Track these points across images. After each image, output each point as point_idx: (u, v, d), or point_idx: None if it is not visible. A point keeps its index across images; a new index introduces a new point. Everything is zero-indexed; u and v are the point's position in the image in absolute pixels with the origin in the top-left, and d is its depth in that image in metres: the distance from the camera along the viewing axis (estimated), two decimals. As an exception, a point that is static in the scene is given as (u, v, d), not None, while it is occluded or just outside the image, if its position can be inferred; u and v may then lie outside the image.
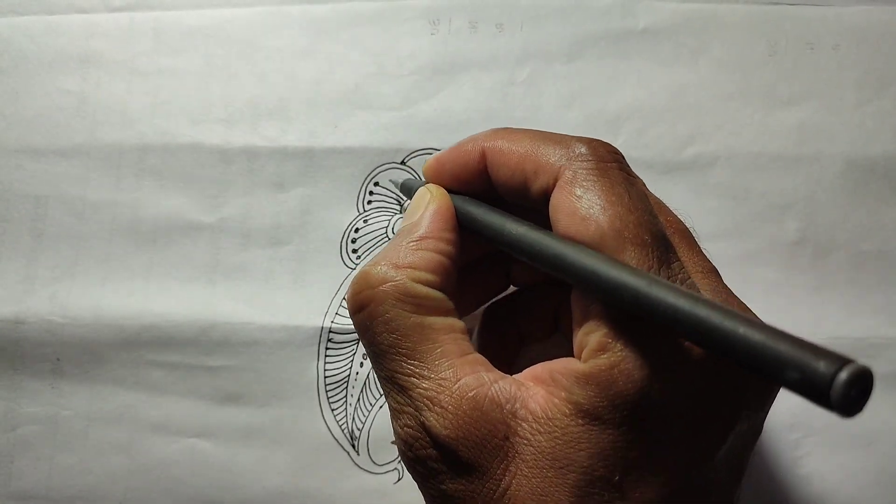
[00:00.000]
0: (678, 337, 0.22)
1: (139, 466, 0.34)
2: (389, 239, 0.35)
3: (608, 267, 0.22)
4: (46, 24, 0.37)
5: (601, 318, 0.23)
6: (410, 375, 0.24)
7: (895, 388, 0.34)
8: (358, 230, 0.35)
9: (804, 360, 0.17)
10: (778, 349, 0.18)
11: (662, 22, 0.36)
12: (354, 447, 0.34)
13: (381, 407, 0.34)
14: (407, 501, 0.34)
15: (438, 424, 0.23)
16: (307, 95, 0.36)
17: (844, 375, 0.16)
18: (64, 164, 0.36)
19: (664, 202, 0.28)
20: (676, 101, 0.36)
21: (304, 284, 0.35)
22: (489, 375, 0.24)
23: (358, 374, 0.34)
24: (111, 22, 0.37)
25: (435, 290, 0.25)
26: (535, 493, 0.22)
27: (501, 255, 0.32)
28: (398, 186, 0.34)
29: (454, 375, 0.24)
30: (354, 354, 0.34)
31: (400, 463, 0.34)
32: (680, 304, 0.20)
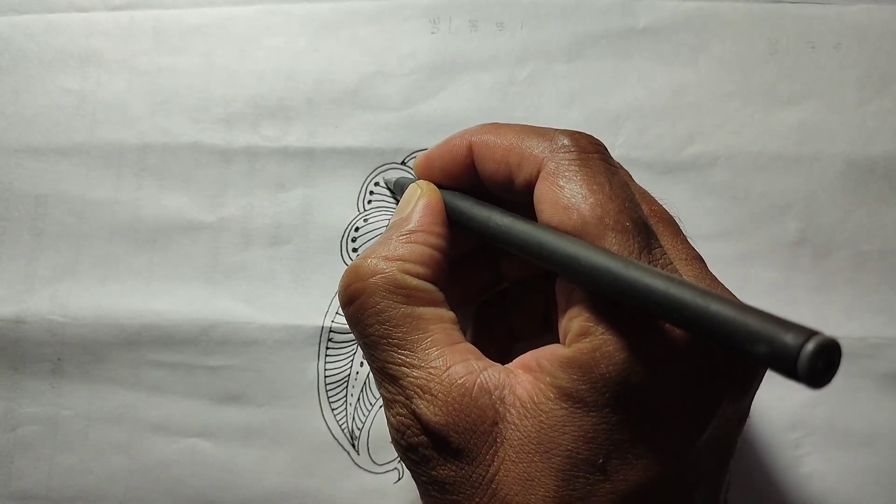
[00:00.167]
0: (657, 319, 0.22)
1: (139, 466, 0.34)
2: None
3: (588, 252, 0.22)
4: (46, 22, 0.37)
5: (583, 303, 0.23)
6: (401, 365, 0.24)
7: (895, 388, 0.34)
8: (358, 229, 0.35)
9: (772, 333, 0.18)
10: (747, 324, 0.18)
11: (663, 21, 0.36)
12: (354, 447, 0.34)
13: (381, 406, 0.34)
14: (407, 501, 0.34)
15: (429, 412, 0.23)
16: (307, 95, 0.36)
17: (811, 347, 0.17)
18: (64, 163, 0.36)
19: (658, 197, 0.28)
20: (677, 100, 0.36)
21: (304, 284, 0.35)
22: (478, 363, 0.24)
23: (358, 373, 0.34)
24: (111, 20, 0.37)
25: (425, 281, 0.26)
26: (521, 477, 0.22)
27: (493, 250, 0.32)
28: (391, 185, 0.35)
29: (444, 364, 0.24)
30: (355, 354, 0.34)
31: (400, 463, 0.34)
32: (655, 284, 0.20)
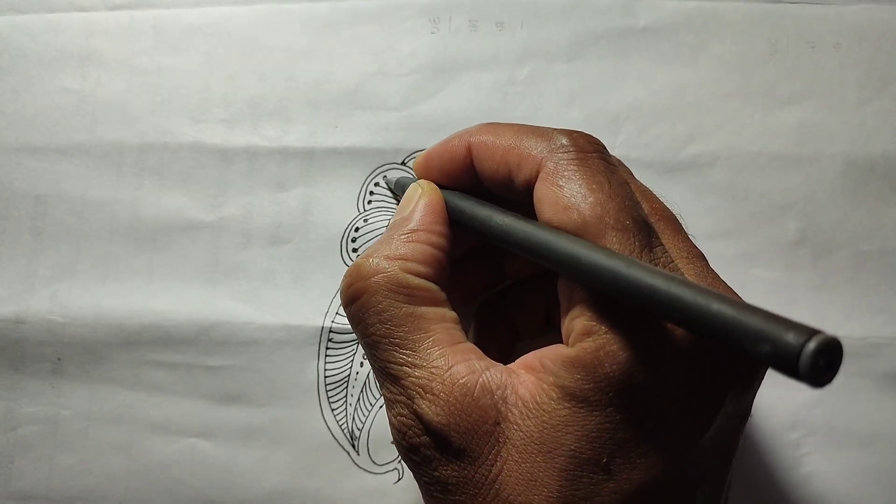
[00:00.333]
0: (659, 318, 0.22)
1: (139, 467, 0.34)
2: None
3: (589, 251, 0.22)
4: (46, 22, 0.37)
5: (586, 303, 0.23)
6: (403, 364, 0.24)
7: (895, 388, 0.34)
8: (358, 229, 0.35)
9: (774, 332, 0.18)
10: (749, 323, 0.18)
11: (663, 20, 0.36)
12: (354, 447, 0.34)
13: (381, 407, 0.34)
14: (407, 501, 0.34)
15: (430, 412, 0.23)
16: (308, 95, 0.36)
17: (812, 346, 0.17)
18: (64, 162, 0.36)
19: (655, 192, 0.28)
20: (676, 100, 0.36)
21: (304, 284, 0.35)
22: (480, 363, 0.24)
23: (358, 373, 0.34)
24: (111, 20, 0.37)
25: (427, 280, 0.26)
26: (524, 477, 0.22)
27: (495, 249, 0.32)
28: (392, 184, 0.35)
29: (446, 363, 0.24)
30: (355, 354, 0.34)
31: (400, 463, 0.34)
32: (657, 283, 0.20)
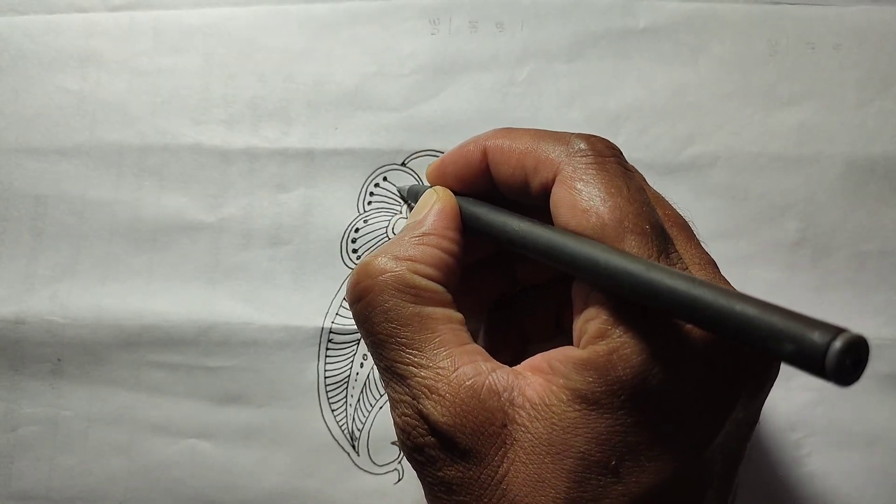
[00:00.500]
0: (677, 320, 0.22)
1: (139, 467, 0.34)
2: (389, 239, 0.35)
3: (609, 254, 0.22)
4: (46, 23, 0.37)
5: (601, 305, 0.23)
6: (409, 364, 0.24)
7: (895, 388, 0.34)
8: (358, 230, 0.35)
9: (799, 331, 0.17)
10: (773, 322, 0.18)
11: (663, 21, 0.36)
12: (354, 448, 0.34)
13: (381, 407, 0.34)
14: (407, 502, 0.34)
15: (436, 412, 0.23)
16: (308, 96, 0.36)
17: (839, 344, 0.17)
18: (64, 163, 0.36)
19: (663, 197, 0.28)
20: (676, 100, 0.36)
21: (304, 285, 0.35)
22: (487, 365, 0.24)
23: (358, 374, 0.34)
24: (111, 21, 0.37)
25: (435, 283, 0.26)
26: (531, 479, 0.22)
27: (508, 256, 0.32)
28: (404, 192, 0.34)
29: (452, 364, 0.24)
30: (355, 355, 0.34)
31: (400, 463, 0.34)
32: (678, 285, 0.20)
